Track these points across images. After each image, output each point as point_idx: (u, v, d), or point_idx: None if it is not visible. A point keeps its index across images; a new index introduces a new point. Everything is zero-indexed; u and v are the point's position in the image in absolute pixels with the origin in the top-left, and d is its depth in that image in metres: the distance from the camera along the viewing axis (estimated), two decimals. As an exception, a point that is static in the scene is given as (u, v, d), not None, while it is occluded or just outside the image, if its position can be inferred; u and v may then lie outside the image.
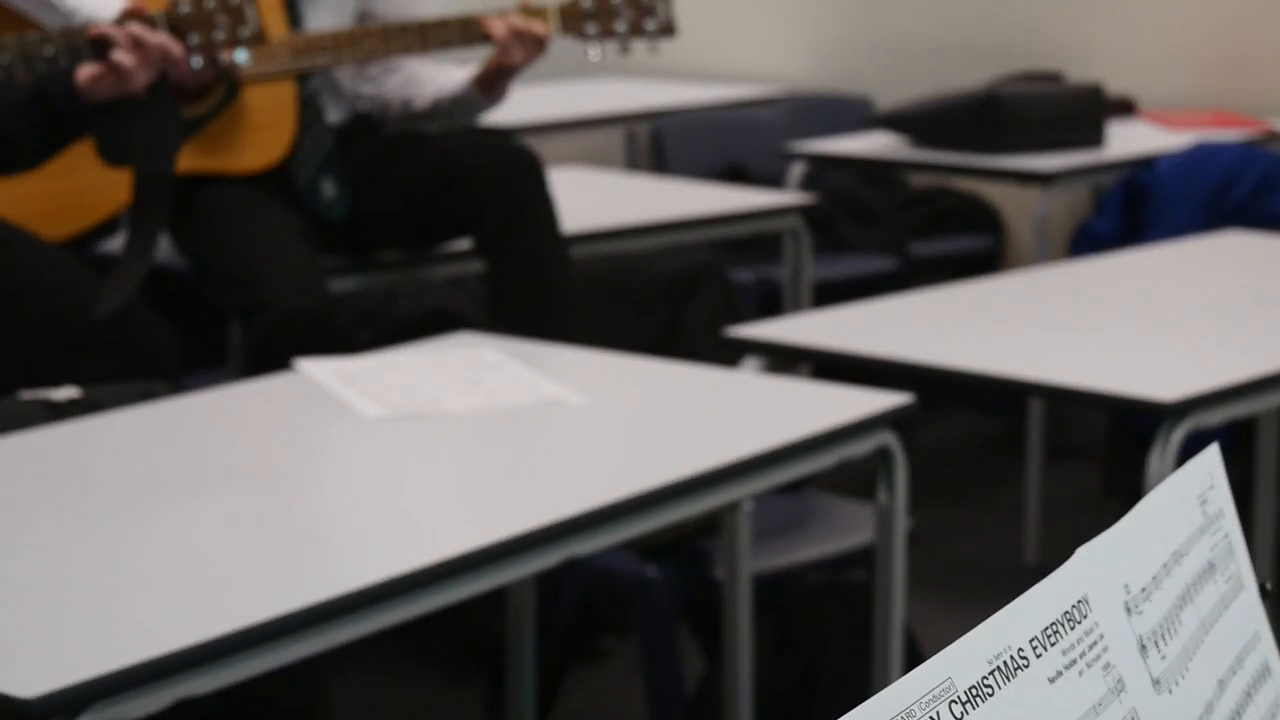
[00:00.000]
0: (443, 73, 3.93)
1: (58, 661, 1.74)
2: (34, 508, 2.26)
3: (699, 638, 3.41)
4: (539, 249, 3.64)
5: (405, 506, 2.33)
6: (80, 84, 3.15)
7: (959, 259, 5.80)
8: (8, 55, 3.07)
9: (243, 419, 2.68)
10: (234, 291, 3.53)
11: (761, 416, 2.63)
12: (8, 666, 1.74)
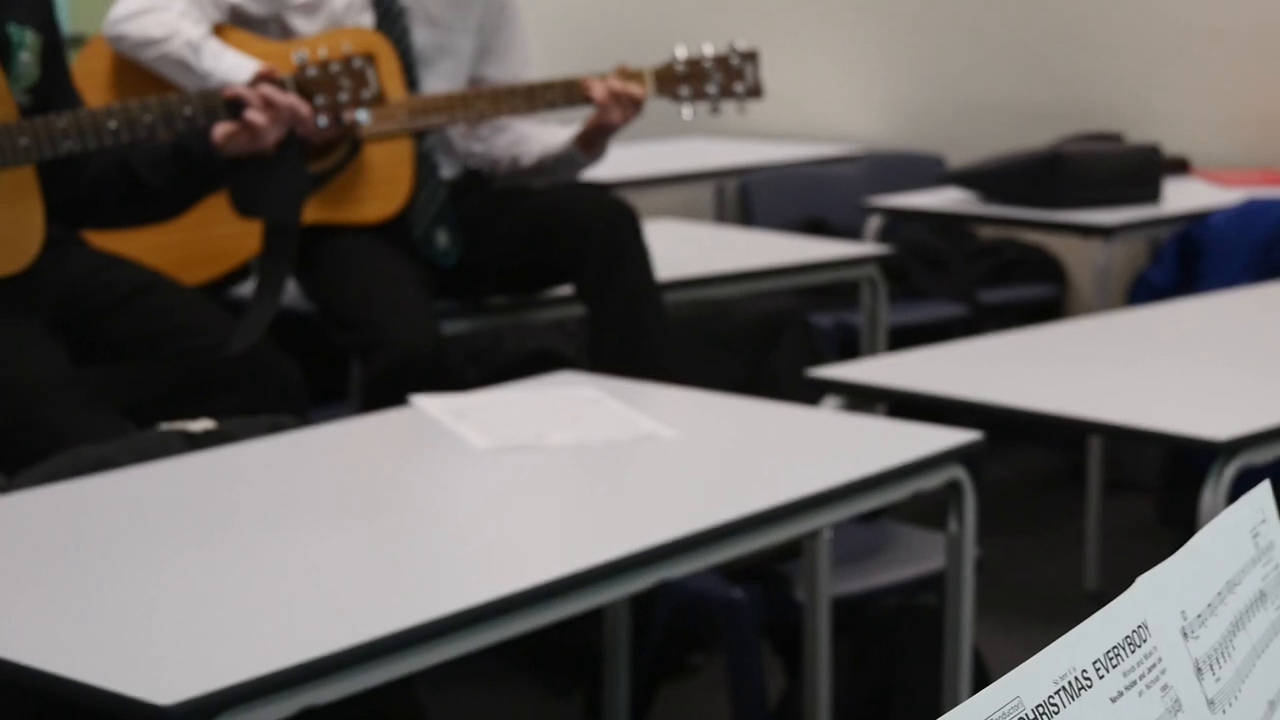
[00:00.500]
0: (547, 132, 3.94)
1: (192, 672, 1.75)
2: (171, 530, 2.27)
3: (781, 655, 3.40)
4: (635, 295, 3.64)
5: (511, 532, 2.34)
6: (216, 141, 3.18)
7: (1024, 306, 5.77)
8: (150, 115, 3.11)
9: (362, 450, 2.69)
10: (355, 332, 3.55)
11: (840, 452, 2.62)
12: (147, 676, 1.75)
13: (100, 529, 2.26)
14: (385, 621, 1.89)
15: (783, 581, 3.11)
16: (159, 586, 2.04)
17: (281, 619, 1.94)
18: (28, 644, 1.84)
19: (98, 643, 1.86)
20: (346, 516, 2.36)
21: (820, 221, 5.59)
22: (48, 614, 1.95)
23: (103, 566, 2.11)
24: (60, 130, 3.05)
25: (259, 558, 2.15)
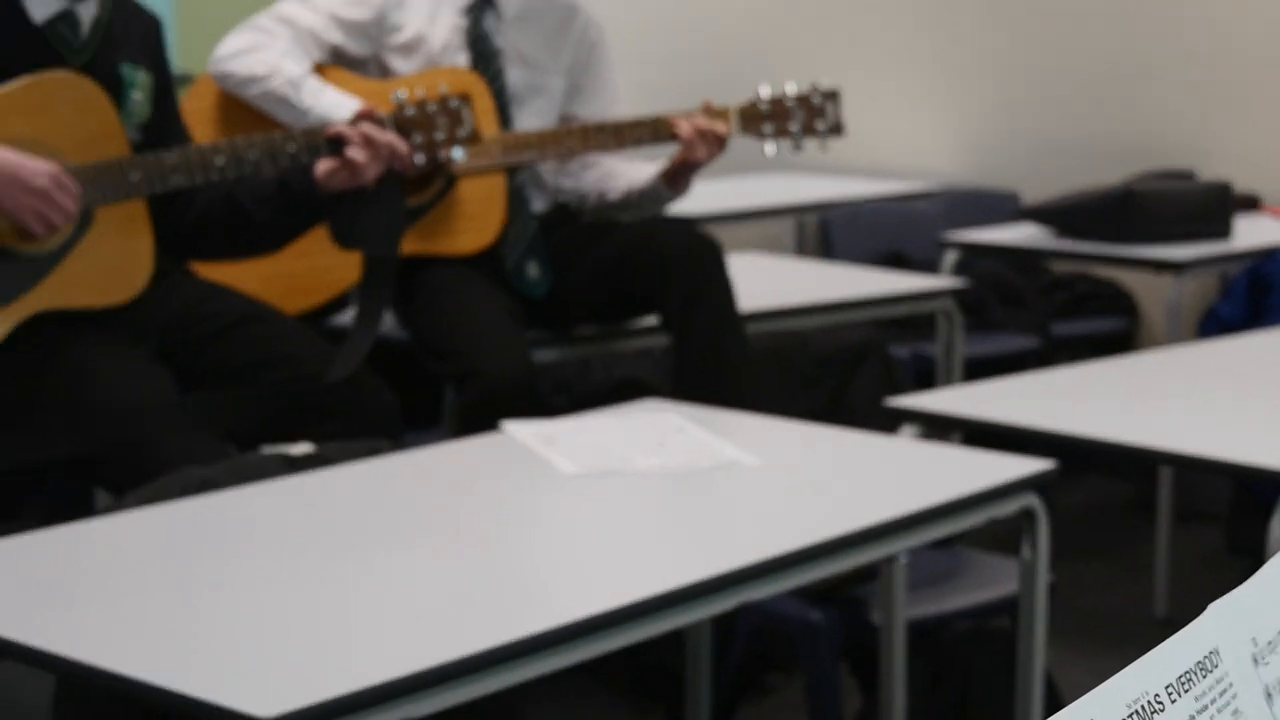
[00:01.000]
0: (634, 168, 3.95)
1: (293, 685, 1.76)
2: (272, 550, 2.29)
3: (857, 676, 3.39)
4: (718, 326, 3.64)
5: (598, 554, 2.34)
6: (318, 177, 3.20)
7: (1096, 339, 5.74)
8: (256, 151, 3.13)
9: (455, 474, 2.70)
10: (448, 361, 3.57)
11: (917, 479, 2.61)
12: (249, 689, 1.76)
13: (204, 548, 2.28)
14: (478, 639, 1.90)
15: (860, 604, 3.10)
16: (261, 603, 2.06)
17: (378, 635, 1.95)
18: (136, 657, 1.85)
19: (202, 656, 1.88)
20: (440, 538, 2.37)
21: (898, 256, 5.58)
22: (154, 629, 1.97)
23: (207, 584, 2.12)
24: (170, 166, 3.08)
25: (356, 576, 2.17)
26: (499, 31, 3.87)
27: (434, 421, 3.67)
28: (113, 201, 3.04)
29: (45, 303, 2.98)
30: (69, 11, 3.08)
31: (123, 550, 2.27)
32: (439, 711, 1.85)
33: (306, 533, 2.36)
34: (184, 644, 1.92)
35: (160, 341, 3.11)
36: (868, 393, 3.64)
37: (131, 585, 2.14)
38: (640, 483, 2.57)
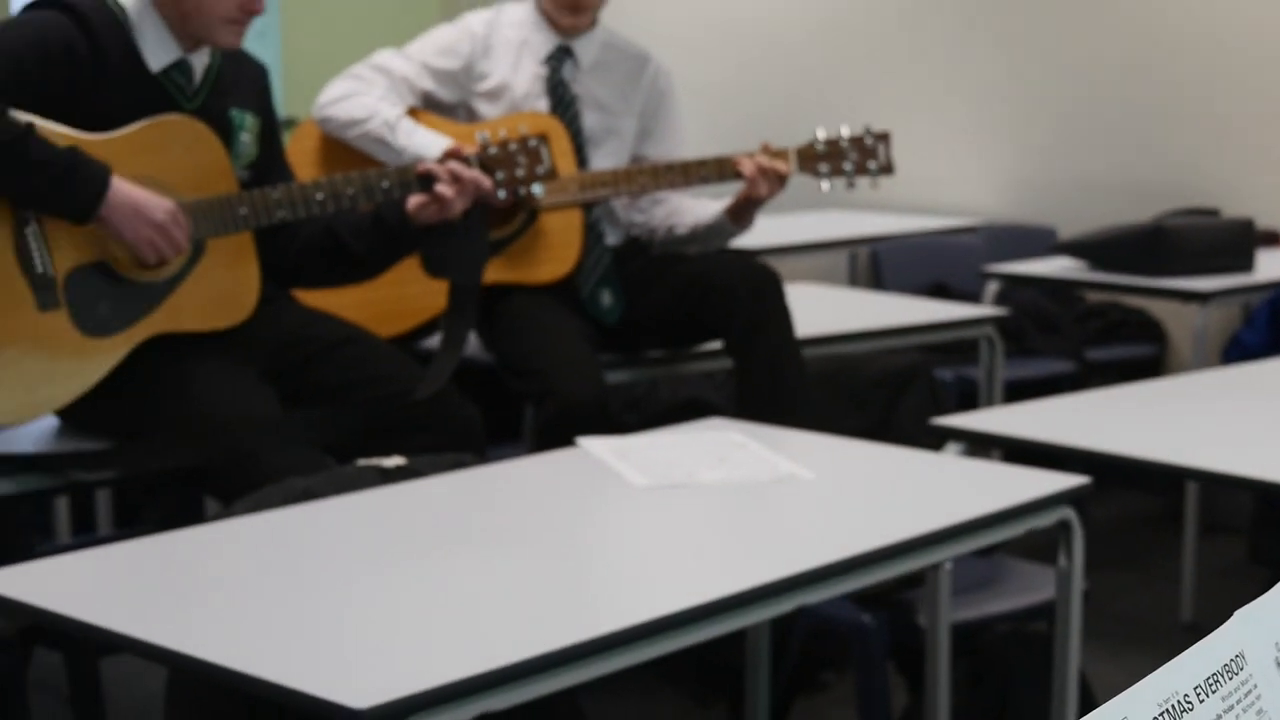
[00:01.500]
0: (700, 204, 3.96)
1: (384, 679, 1.77)
2: (366, 554, 2.30)
3: (904, 674, 3.37)
4: (777, 350, 3.64)
5: (666, 560, 2.34)
6: (409, 210, 3.22)
7: (1127, 364, 5.71)
8: (353, 188, 3.15)
9: (534, 486, 2.70)
10: (528, 381, 3.57)
11: (961, 493, 2.60)
12: (344, 682, 1.76)
13: (304, 553, 2.29)
14: (554, 637, 1.90)
15: (907, 608, 3.09)
16: (355, 603, 2.06)
17: (463, 634, 1.96)
18: (241, 652, 1.86)
19: (301, 652, 1.89)
20: (520, 544, 2.37)
21: (943, 286, 5.57)
22: (257, 627, 1.97)
23: (306, 586, 2.13)
24: (274, 201, 3.10)
25: (443, 579, 2.17)
26: (576, 79, 3.88)
27: (515, 437, 3.68)
28: (222, 234, 3.06)
29: (161, 326, 3.00)
30: (183, 61, 3.10)
31: (230, 554, 2.29)
32: (516, 705, 1.86)
33: (398, 539, 2.37)
34: (284, 640, 1.92)
35: (266, 362, 3.12)
36: (915, 413, 3.63)
37: (237, 587, 2.15)
38: (705, 495, 2.56)
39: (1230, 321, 5.52)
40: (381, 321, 3.58)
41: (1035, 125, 6.19)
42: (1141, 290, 4.87)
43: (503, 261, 3.75)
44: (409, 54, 3.86)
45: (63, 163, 2.84)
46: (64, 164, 2.84)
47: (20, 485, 2.87)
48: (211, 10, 3.05)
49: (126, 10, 3.06)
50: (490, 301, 3.70)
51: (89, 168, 2.86)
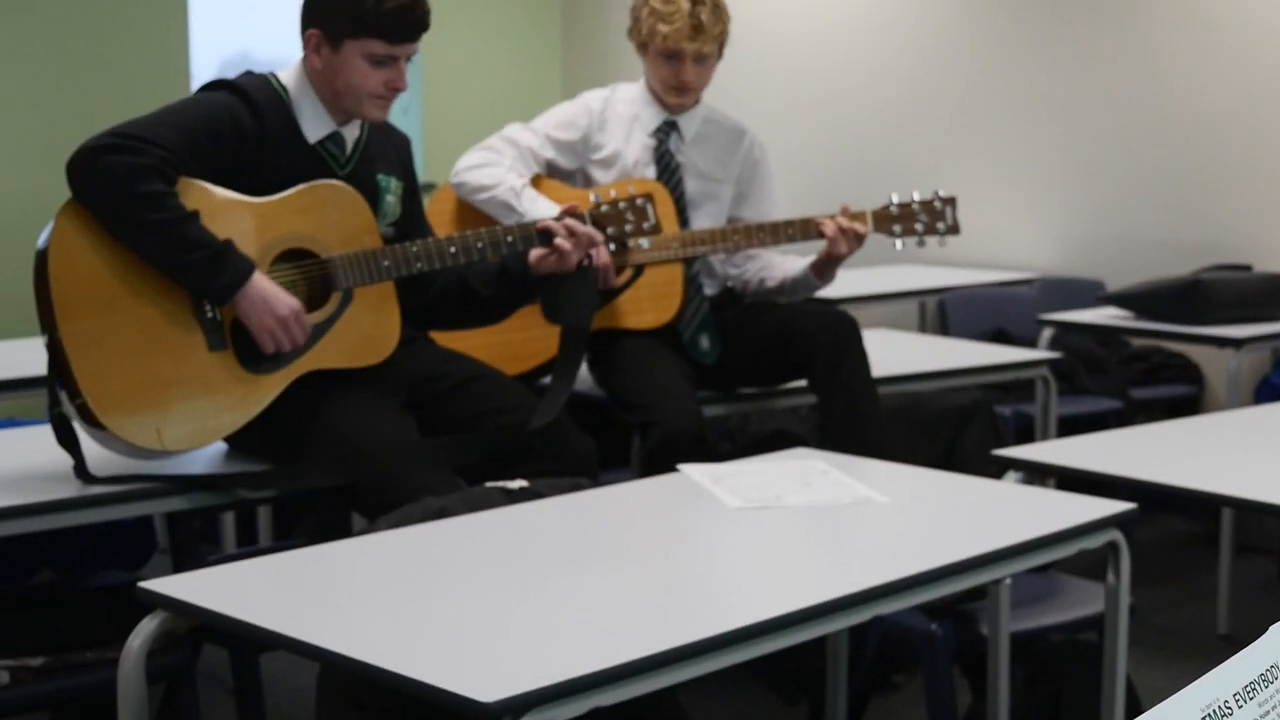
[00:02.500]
0: (788, 260, 3.95)
1: (508, 676, 1.76)
2: (493, 565, 2.30)
3: (968, 678, 3.34)
4: (855, 388, 3.62)
5: (756, 573, 2.33)
6: (531, 262, 3.23)
7: (1168, 403, 5.65)
8: (482, 242, 3.17)
9: (641, 506, 2.69)
10: (636, 414, 3.57)
11: (1019, 516, 2.57)
12: (473, 678, 1.76)
13: (439, 564, 2.30)
14: (657, 641, 1.89)
15: (971, 618, 3.06)
16: (484, 608, 2.06)
17: (578, 636, 1.95)
18: (382, 650, 1.87)
19: (436, 650, 1.89)
20: (628, 558, 2.37)
21: (1003, 332, 5.55)
22: (399, 628, 1.98)
23: (440, 593, 2.14)
24: (413, 254, 3.11)
25: (560, 588, 2.17)
26: (680, 150, 3.89)
27: (623, 463, 3.68)
28: (367, 284, 3.08)
29: (315, 364, 3.02)
30: (336, 133, 3.13)
31: (373, 564, 2.30)
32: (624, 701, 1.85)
33: (521, 553, 2.37)
34: (421, 640, 1.93)
35: (406, 395, 3.14)
36: (977, 444, 3.60)
37: (379, 593, 2.16)
38: (791, 515, 2.55)
39: (1261, 365, 5.45)
40: (506, 361, 3.60)
41: (1085, 189, 6.15)
42: (1181, 337, 4.82)
43: (613, 309, 3.76)
44: (534, 127, 3.88)
45: (216, 250, 2.86)
46: (216, 251, 2.86)
47: (193, 502, 2.89)
48: (360, 88, 3.07)
49: (288, 89, 3.10)
50: (604, 345, 3.72)
51: (236, 260, 2.88)
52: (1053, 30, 6.21)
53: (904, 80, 6.66)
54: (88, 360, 2.78)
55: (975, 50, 6.44)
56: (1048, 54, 6.23)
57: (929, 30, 6.58)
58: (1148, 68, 5.94)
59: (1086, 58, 6.12)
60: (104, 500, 2.76)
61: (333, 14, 3.04)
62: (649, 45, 3.85)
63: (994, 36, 6.38)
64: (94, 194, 2.82)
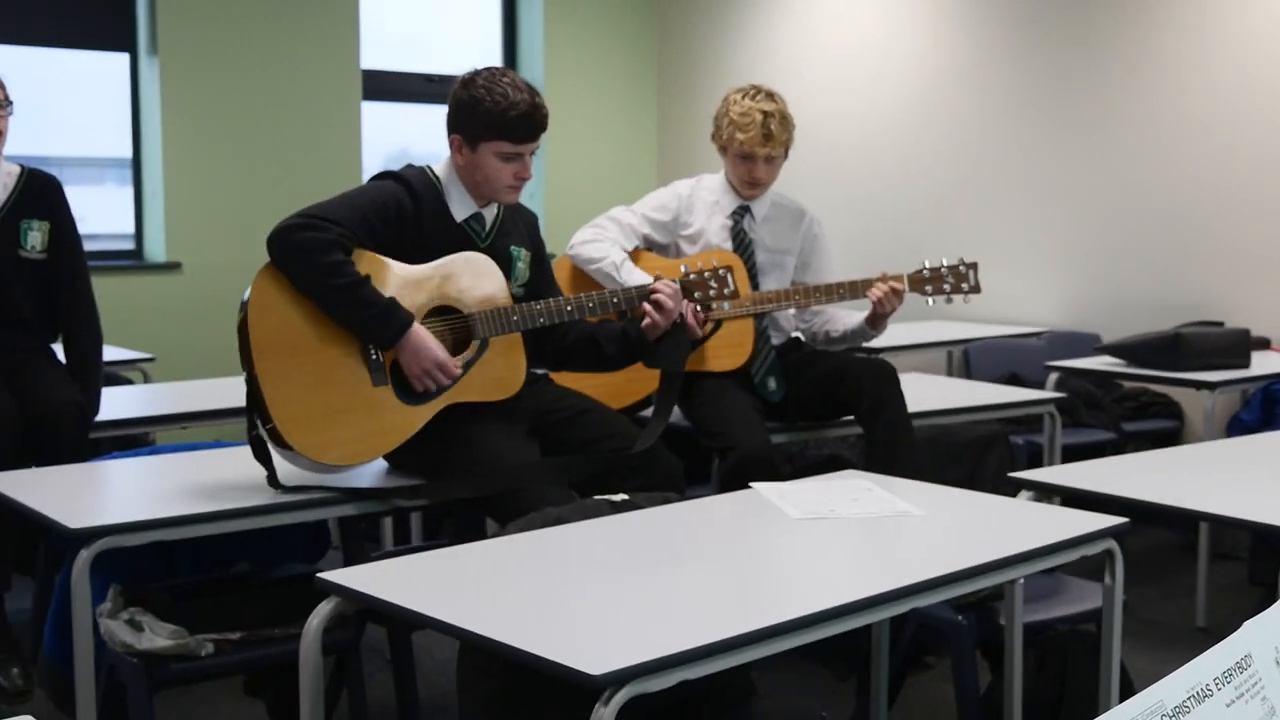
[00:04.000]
0: (848, 314, 3.95)
1: (612, 652, 1.77)
2: (601, 562, 2.30)
3: (988, 660, 3.29)
4: (894, 421, 3.60)
5: (814, 572, 2.31)
6: (644, 328, 3.24)
7: (1154, 435, 5.56)
8: (593, 302, 3.18)
9: (720, 516, 2.69)
10: (716, 440, 3.57)
11: (1031, 528, 2.54)
12: (583, 654, 1.77)
13: (557, 561, 2.30)
14: (731, 626, 1.89)
15: (991, 611, 3.02)
16: (592, 597, 2.06)
17: (668, 622, 1.95)
18: (510, 630, 1.87)
19: (553, 631, 1.89)
20: (708, 558, 2.36)
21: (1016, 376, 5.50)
22: (525, 612, 1.98)
23: (558, 584, 2.14)
24: (537, 311, 3.13)
25: (653, 581, 2.17)
26: (752, 229, 3.90)
27: (705, 480, 3.67)
28: (500, 334, 3.10)
29: (457, 397, 3.04)
30: (478, 213, 3.17)
31: (503, 561, 2.31)
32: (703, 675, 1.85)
33: (623, 552, 2.37)
34: (542, 622, 1.93)
35: (531, 424, 3.15)
36: (996, 468, 3.56)
37: (508, 584, 2.16)
38: (843, 525, 2.54)
39: (1232, 405, 5.35)
40: (611, 398, 3.61)
41: (1085, 258, 6.09)
42: (1164, 380, 4.76)
43: (700, 356, 3.76)
44: (635, 209, 3.90)
45: (384, 307, 2.90)
46: (384, 308, 2.90)
47: (359, 509, 2.92)
48: (497, 179, 3.11)
49: (440, 178, 3.14)
50: (689, 383, 3.72)
51: (399, 316, 2.91)
52: (1059, 127, 6.16)
53: (934, 166, 6.63)
54: (278, 393, 2.82)
55: (992, 142, 6.40)
56: (1055, 146, 6.18)
57: (953, 125, 6.55)
58: (1138, 157, 5.88)
59: (1088, 150, 6.06)
60: (289, 506, 2.80)
61: (470, 121, 3.08)
62: (728, 148, 3.86)
63: (1009, 130, 6.34)
64: (288, 262, 2.87)
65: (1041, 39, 6.22)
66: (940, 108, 6.61)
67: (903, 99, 6.75)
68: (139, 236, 6.48)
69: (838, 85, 7.01)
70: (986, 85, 6.42)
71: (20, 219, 3.78)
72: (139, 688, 2.66)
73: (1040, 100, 6.22)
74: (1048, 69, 6.19)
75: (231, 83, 6.48)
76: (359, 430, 2.90)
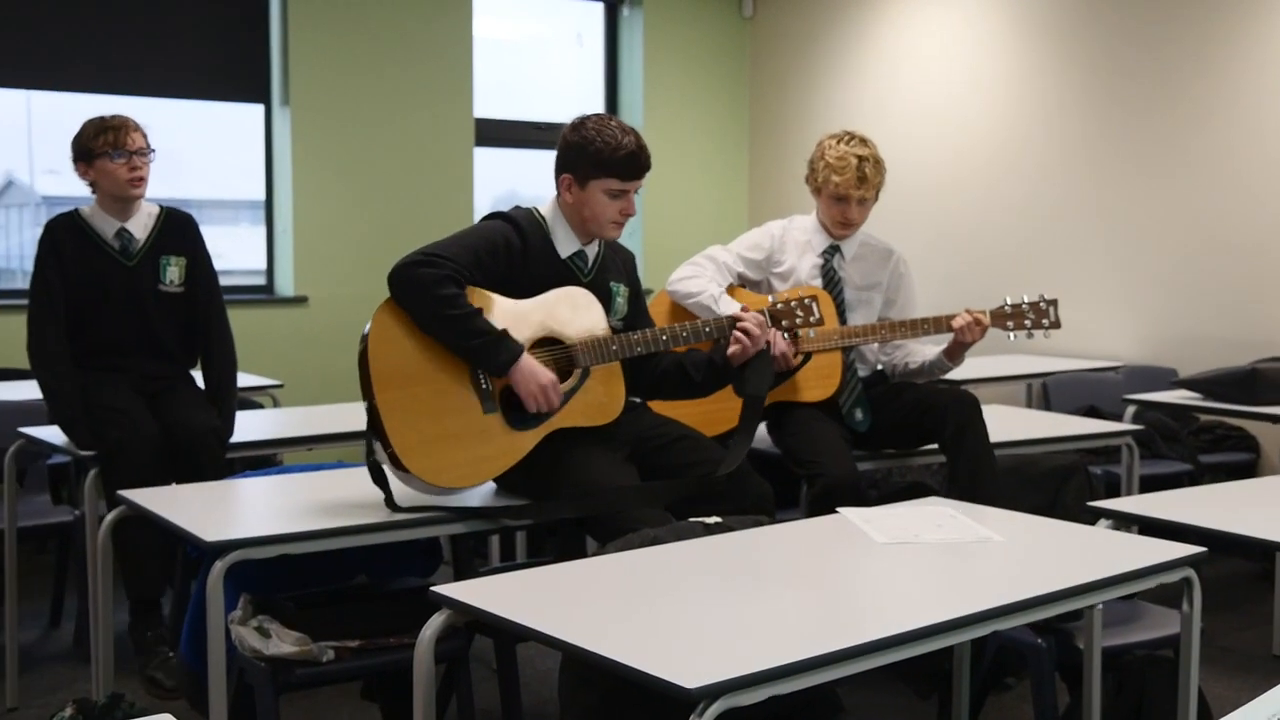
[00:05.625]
0: (926, 347, 3.90)
1: (707, 667, 1.76)
2: (694, 582, 2.29)
3: (1066, 682, 3.22)
4: (977, 451, 3.54)
5: (899, 594, 2.28)
6: (729, 355, 3.23)
7: (1230, 467, 5.43)
8: (686, 331, 3.17)
9: (808, 539, 2.66)
10: (806, 467, 3.54)
11: (1110, 556, 2.48)
12: (679, 668, 1.76)
13: (653, 579, 2.30)
14: (820, 645, 1.87)
15: (1070, 635, 2.95)
16: (687, 614, 2.05)
17: (758, 640, 1.93)
18: (610, 643, 1.87)
19: (651, 646, 1.89)
20: (798, 579, 2.34)
21: (1094, 408, 5.41)
22: (623, 627, 1.98)
23: (654, 601, 2.14)
24: (634, 341, 3.14)
25: (745, 601, 2.15)
26: (841, 267, 3.87)
27: (794, 505, 3.64)
28: (600, 363, 3.11)
29: (560, 423, 3.05)
30: (581, 250, 3.18)
31: (603, 578, 2.31)
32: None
33: (716, 572, 2.35)
34: (639, 637, 1.93)
35: (629, 449, 3.15)
36: (1075, 497, 3.49)
37: (607, 600, 2.16)
38: (927, 549, 2.50)
39: (1308, 438, 5.21)
40: (707, 426, 3.58)
41: (1162, 295, 5.97)
42: (1240, 414, 4.63)
43: (789, 386, 3.74)
44: (730, 248, 3.90)
45: (495, 336, 2.93)
46: (496, 338, 2.93)
47: (469, 527, 2.94)
48: (602, 217, 3.13)
49: (545, 218, 3.16)
50: (780, 413, 3.70)
51: (510, 345, 2.94)
52: (1136, 166, 6.06)
53: (1015, 206, 6.55)
54: (396, 420, 2.85)
55: (1072, 182, 6.31)
56: (1131, 185, 6.08)
57: (1034, 167, 6.47)
58: (1214, 195, 5.76)
59: (1164, 188, 5.95)
60: (405, 524, 2.82)
61: (581, 161, 3.10)
62: (823, 190, 3.84)
63: (1088, 171, 6.25)
64: (407, 297, 2.91)
65: (1119, 82, 6.12)
66: (1021, 150, 6.53)
67: (985, 142, 6.68)
68: (270, 272, 6.61)
69: (923, 129, 6.96)
70: (1066, 127, 6.33)
71: (160, 255, 3.88)
72: (266, 690, 2.70)
73: (1117, 140, 6.12)
74: (1125, 110, 6.09)
75: (356, 131, 6.60)
76: (470, 455, 2.92)
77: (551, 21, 7.69)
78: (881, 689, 3.77)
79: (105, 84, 6.07)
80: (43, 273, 3.75)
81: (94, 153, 3.79)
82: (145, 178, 3.82)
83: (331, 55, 6.53)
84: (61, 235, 3.79)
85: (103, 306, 3.81)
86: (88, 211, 3.86)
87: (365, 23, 6.63)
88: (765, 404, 3.31)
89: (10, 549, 3.97)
